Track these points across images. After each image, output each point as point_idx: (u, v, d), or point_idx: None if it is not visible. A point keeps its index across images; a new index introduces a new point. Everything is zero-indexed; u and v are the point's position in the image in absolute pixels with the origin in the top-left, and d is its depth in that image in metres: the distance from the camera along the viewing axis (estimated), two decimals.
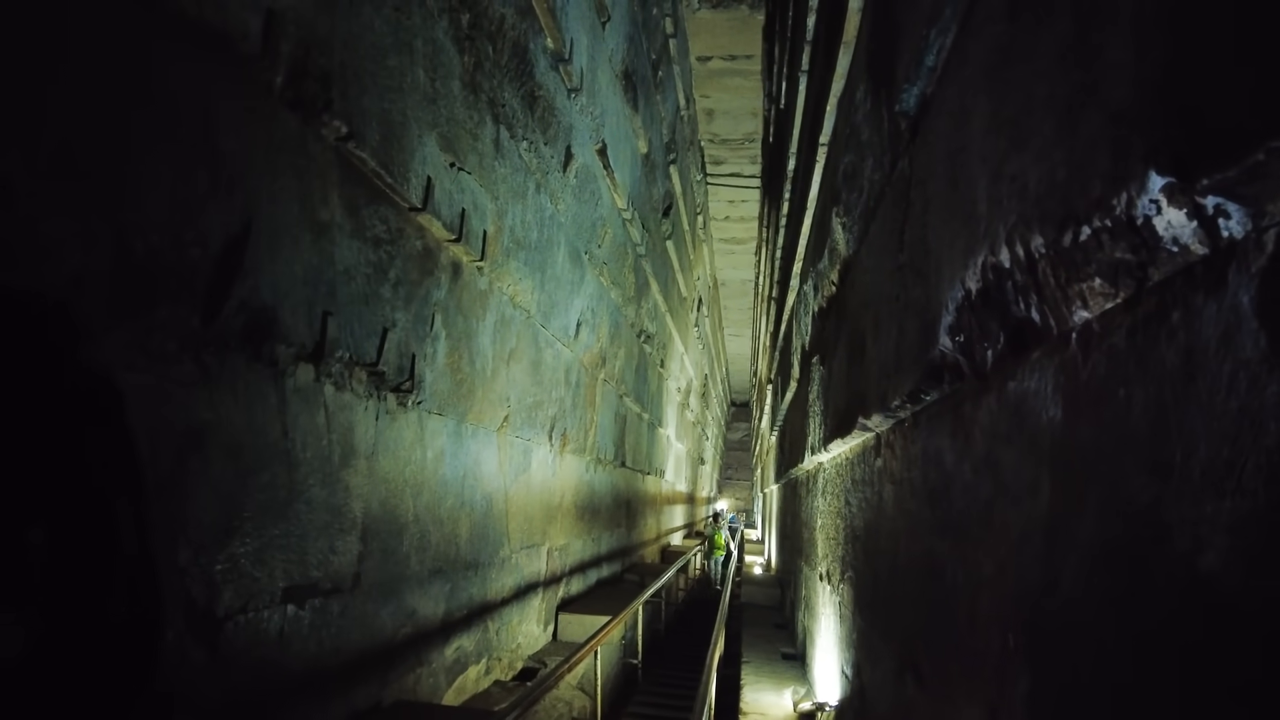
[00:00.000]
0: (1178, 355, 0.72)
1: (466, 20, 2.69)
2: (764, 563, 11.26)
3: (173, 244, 1.51)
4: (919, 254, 1.59)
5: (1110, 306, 0.86)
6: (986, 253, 1.16)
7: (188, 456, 1.58)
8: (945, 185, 1.41)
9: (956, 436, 1.47)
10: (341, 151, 2.02)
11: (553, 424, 4.40)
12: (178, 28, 1.46)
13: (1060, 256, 0.90)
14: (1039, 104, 0.94)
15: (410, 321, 2.47)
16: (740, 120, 9.23)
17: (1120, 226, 0.75)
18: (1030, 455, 1.09)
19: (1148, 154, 0.68)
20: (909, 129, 1.72)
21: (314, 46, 1.84)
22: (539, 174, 3.63)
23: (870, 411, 2.17)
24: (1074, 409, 0.94)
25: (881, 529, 2.22)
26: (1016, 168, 1.03)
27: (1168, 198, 0.67)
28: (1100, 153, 0.78)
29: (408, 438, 2.56)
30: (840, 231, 2.79)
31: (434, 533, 2.83)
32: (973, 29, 1.26)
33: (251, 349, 1.76)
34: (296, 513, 1.98)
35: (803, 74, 3.59)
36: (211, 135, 1.57)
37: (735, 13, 7.15)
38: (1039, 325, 1.04)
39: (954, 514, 1.47)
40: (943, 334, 1.40)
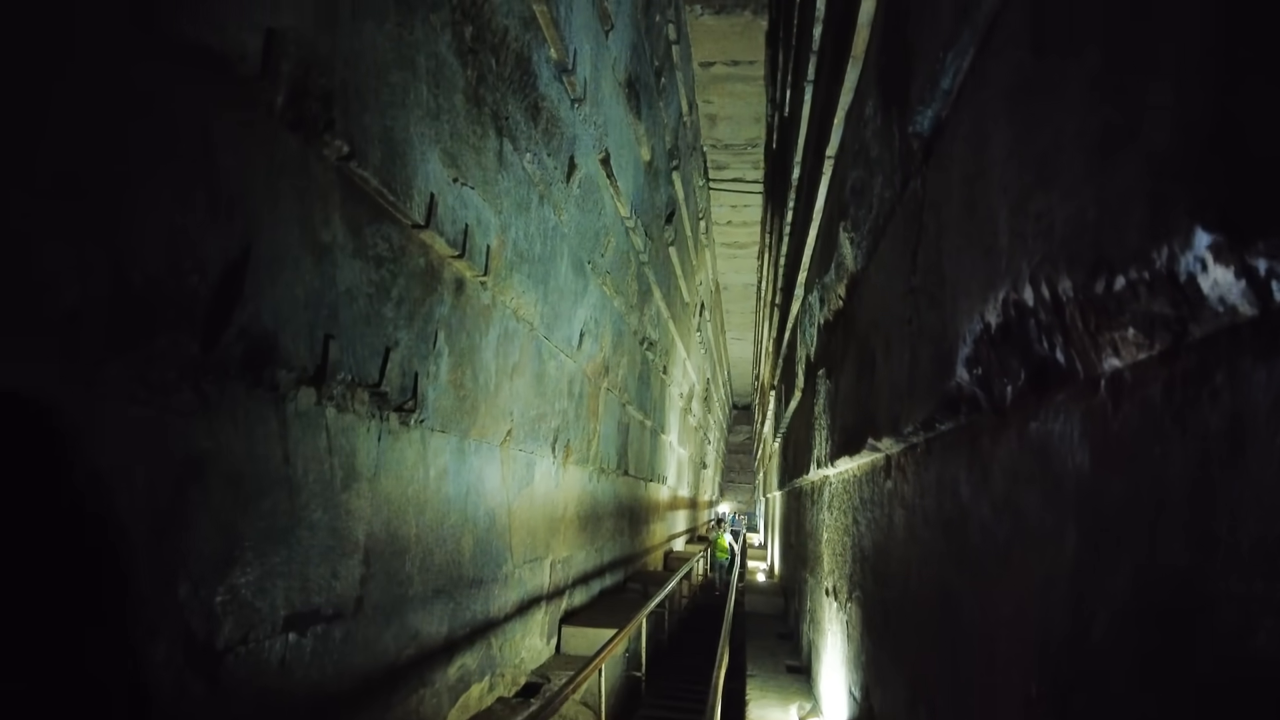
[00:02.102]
0: (1222, 419, 0.68)
1: (469, 33, 2.66)
2: (767, 569, 11.22)
3: (171, 271, 1.47)
4: (933, 280, 1.56)
5: (1144, 357, 0.82)
6: (1008, 288, 1.12)
7: (187, 488, 1.54)
8: (961, 211, 1.37)
9: (973, 469, 1.43)
10: (343, 171, 1.98)
11: (556, 436, 4.37)
12: (175, 50, 1.43)
13: (1090, 302, 0.86)
14: (1067, 140, 0.91)
15: (413, 340, 2.43)
16: (743, 125, 9.20)
17: (1159, 281, 0.72)
18: (1054, 500, 1.05)
19: (1193, 209, 0.65)
20: (922, 149, 1.68)
21: (315, 65, 1.81)
22: (542, 186, 3.60)
23: (881, 434, 2.13)
24: (1103, 460, 0.90)
25: (892, 553, 2.18)
26: (1042, 204, 0.99)
27: (1214, 256, 0.64)
28: (1137, 200, 0.74)
29: (410, 457, 2.53)
30: (848, 246, 2.76)
31: (437, 552, 2.80)
32: (992, 53, 1.22)
33: (252, 375, 1.72)
34: (298, 539, 1.95)
35: (808, 84, 3.55)
36: (211, 158, 1.54)
37: (738, 19, 7.12)
38: (1064, 367, 1.01)
39: (970, 549, 1.43)
40: (960, 366, 1.37)
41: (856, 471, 2.88)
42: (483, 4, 2.71)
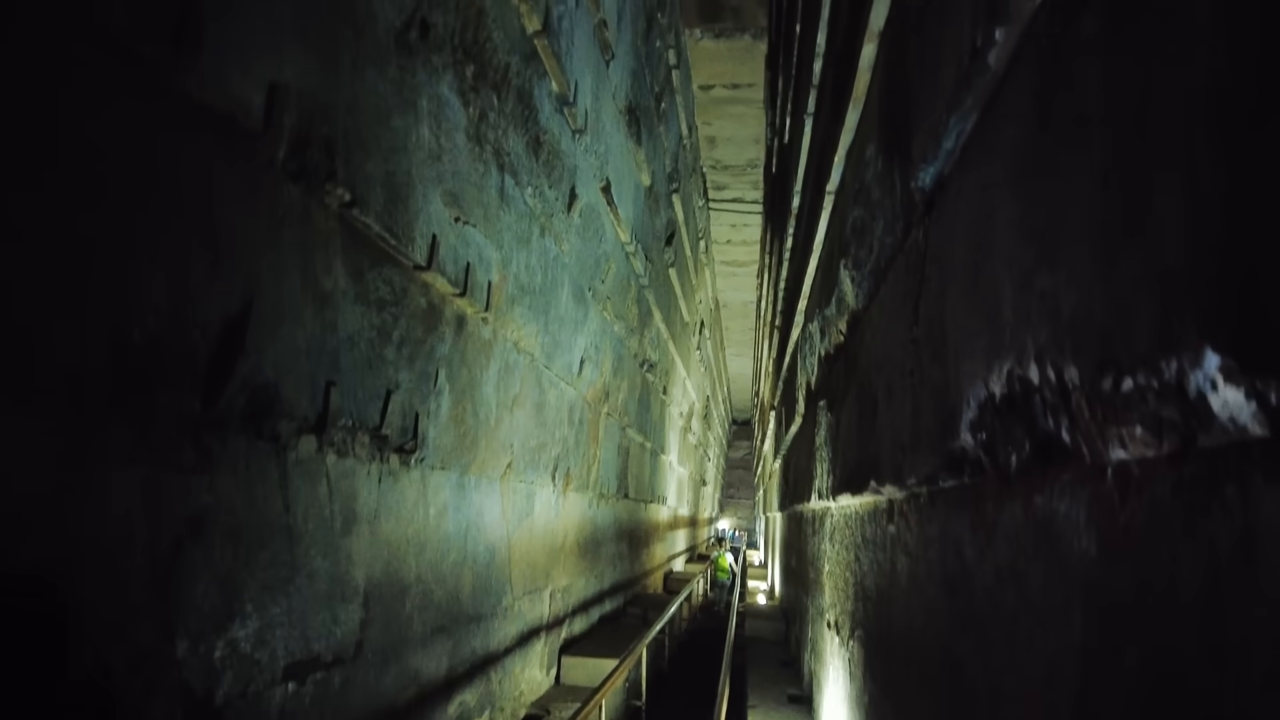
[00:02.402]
0: (1232, 534, 0.68)
1: (471, 72, 2.67)
2: (767, 589, 11.17)
3: (173, 329, 1.47)
4: (936, 336, 1.55)
5: (1152, 455, 0.82)
6: (1013, 362, 1.11)
7: (187, 547, 1.53)
8: (964, 275, 1.37)
9: (977, 532, 1.42)
10: (345, 218, 1.98)
11: (556, 464, 4.35)
12: (180, 111, 1.43)
13: (1097, 395, 0.86)
14: (1073, 228, 0.90)
15: (414, 381, 2.43)
16: (743, 147, 9.23)
17: (1168, 390, 0.71)
18: (1060, 580, 1.04)
19: (1203, 328, 0.64)
20: (924, 202, 1.68)
21: (317, 115, 1.82)
22: (543, 218, 3.60)
23: (884, 480, 2.12)
24: (1111, 551, 0.89)
25: (894, 600, 2.17)
26: (1047, 285, 0.99)
27: (1224, 377, 0.63)
28: (1145, 305, 0.74)
29: (410, 497, 2.52)
30: (849, 284, 2.76)
31: (437, 590, 2.78)
32: (995, 123, 1.22)
33: (253, 427, 1.72)
34: (298, 587, 1.93)
35: (808, 116, 3.57)
36: (213, 214, 1.54)
37: (737, 42, 7.16)
38: (1069, 447, 1.00)
39: (974, 613, 1.42)
40: (964, 428, 1.36)
41: (859, 509, 2.87)
42: (484, 42, 2.72)
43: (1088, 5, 0.89)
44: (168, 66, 1.38)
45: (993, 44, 1.13)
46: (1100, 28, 0.85)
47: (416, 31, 2.26)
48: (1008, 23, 1.08)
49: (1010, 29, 1.10)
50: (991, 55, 1.15)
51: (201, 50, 1.44)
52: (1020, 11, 1.06)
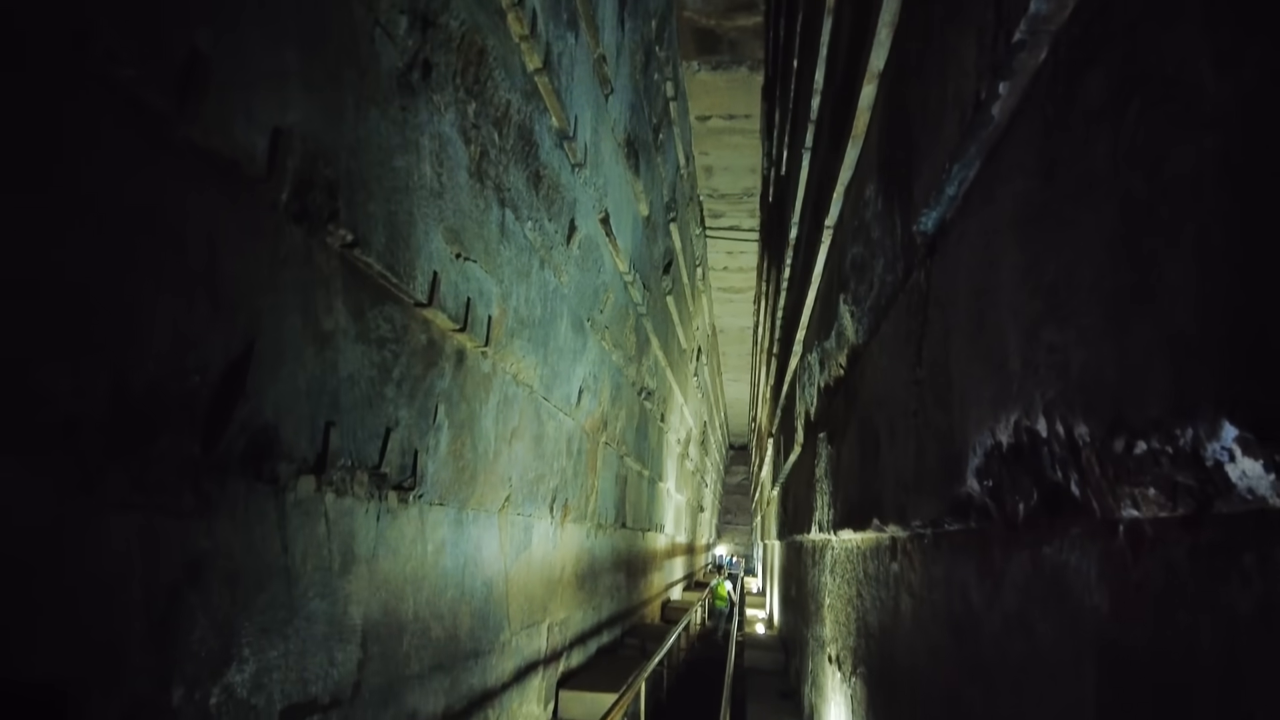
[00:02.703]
0: (1252, 604, 0.67)
1: (473, 110, 2.69)
2: (766, 618, 11.07)
3: (173, 374, 1.46)
4: (940, 380, 1.55)
5: (1166, 516, 0.81)
6: (1020, 414, 1.11)
7: (184, 593, 1.51)
8: (968, 321, 1.37)
9: (984, 578, 1.41)
10: (347, 258, 1.99)
11: (554, 496, 4.33)
12: (185, 159, 1.44)
13: (1108, 454, 0.85)
14: (1083, 286, 0.90)
15: (413, 417, 2.42)
16: (739, 176, 9.30)
17: (1183, 456, 0.71)
18: (1071, 633, 1.03)
19: (1220, 400, 0.64)
20: (925, 245, 1.69)
21: (320, 157, 1.82)
22: (543, 250, 3.62)
23: (887, 519, 2.11)
24: (1124, 610, 0.88)
25: (898, 639, 2.15)
26: (1056, 339, 0.99)
27: (1243, 449, 0.63)
28: (1158, 372, 0.74)
29: (409, 534, 2.50)
30: (849, 319, 2.76)
31: (434, 627, 2.75)
32: (999, 172, 1.23)
33: (252, 470, 1.70)
34: (295, 629, 1.91)
35: (806, 150, 3.59)
36: (215, 259, 1.54)
37: (735, 74, 7.24)
38: (1078, 500, 0.99)
39: (982, 659, 1.41)
40: (970, 475, 1.35)
41: (861, 544, 2.85)
42: (485, 81, 2.74)
43: (1092, 67, 0.90)
44: (173, 114, 1.39)
45: (996, 97, 1.14)
46: (1106, 92, 0.86)
47: (419, 72, 2.28)
48: (1011, 77, 1.10)
49: (1014, 83, 1.11)
50: (995, 107, 1.16)
51: (207, 98, 1.45)
52: (1024, 66, 1.07)
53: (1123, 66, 0.83)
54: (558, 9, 3.46)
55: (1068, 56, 0.97)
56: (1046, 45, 1.02)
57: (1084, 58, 0.92)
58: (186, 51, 1.39)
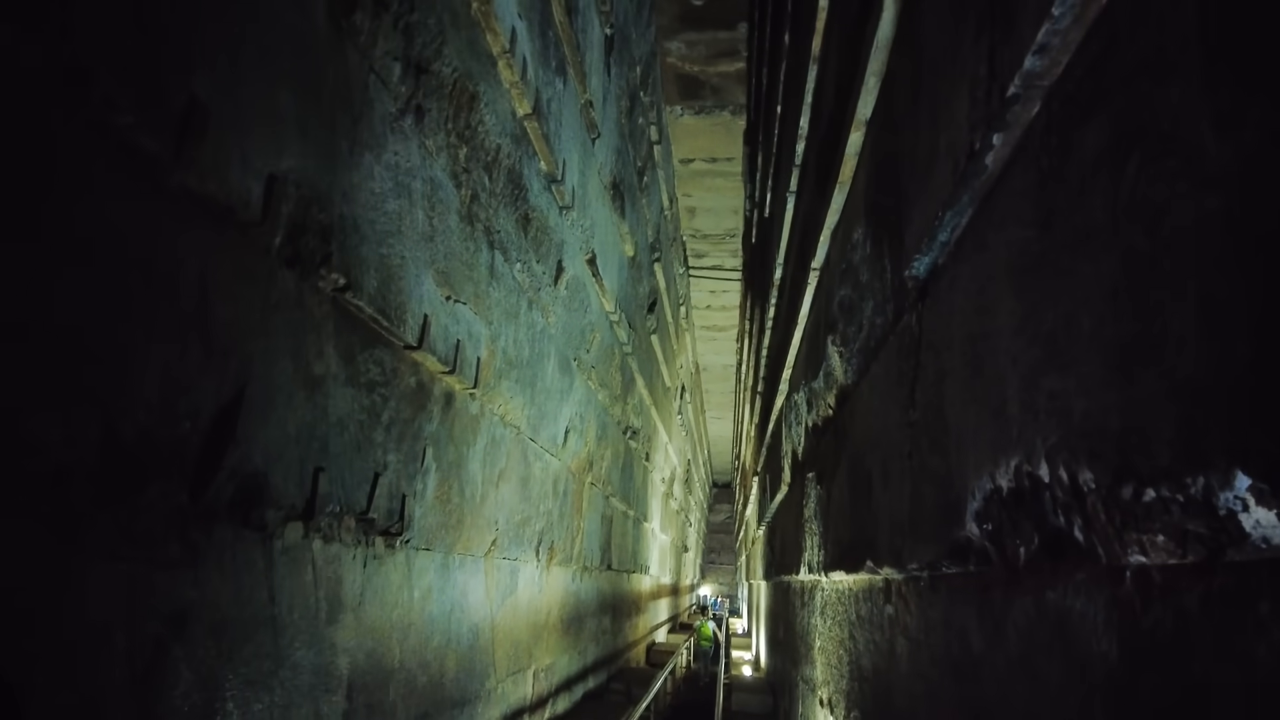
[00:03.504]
0: (1271, 654, 0.67)
1: (464, 154, 2.71)
2: (752, 660, 10.93)
3: (163, 421, 1.44)
4: (936, 424, 1.56)
5: (1174, 563, 0.81)
6: (1021, 459, 1.12)
7: (168, 645, 1.47)
8: (963, 366, 1.39)
9: (985, 621, 1.40)
10: (338, 301, 1.98)
11: (540, 539, 4.28)
12: (180, 203, 1.43)
13: (1115, 501, 0.86)
14: (1083, 335, 0.92)
15: (401, 461, 2.39)
16: (721, 217, 9.42)
17: (1194, 505, 0.71)
18: (1080, 679, 1.02)
19: (1232, 451, 0.65)
20: (916, 289, 1.71)
21: (314, 202, 1.82)
22: (531, 292, 3.62)
23: (881, 561, 2.10)
24: (1135, 657, 0.88)
25: (895, 683, 2.12)
26: (1056, 386, 1.00)
27: (1256, 499, 0.63)
28: (1165, 421, 0.74)
29: (395, 580, 2.45)
30: (837, 359, 2.78)
31: (420, 676, 2.69)
32: (994, 221, 1.25)
33: (240, 517, 1.67)
34: (281, 681, 1.86)
35: (791, 194, 3.65)
36: (208, 304, 1.53)
37: (717, 118, 7.37)
38: (1083, 546, 0.99)
39: (985, 702, 1.39)
40: (969, 519, 1.35)
41: (853, 586, 2.83)
42: (476, 126, 2.77)
43: (1088, 121, 0.93)
44: (170, 160, 1.39)
45: (990, 147, 1.16)
46: (1103, 146, 0.88)
47: (412, 117, 2.30)
48: (1005, 129, 1.12)
49: (1008, 135, 1.13)
50: (989, 157, 1.19)
51: (204, 144, 1.45)
52: (1018, 119, 1.10)
53: (1119, 122, 0.85)
54: (547, 56, 3.52)
55: (1062, 111, 1.00)
56: (1040, 99, 1.05)
57: (1079, 112, 0.95)
58: (185, 99, 1.40)
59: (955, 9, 1.34)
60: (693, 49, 6.50)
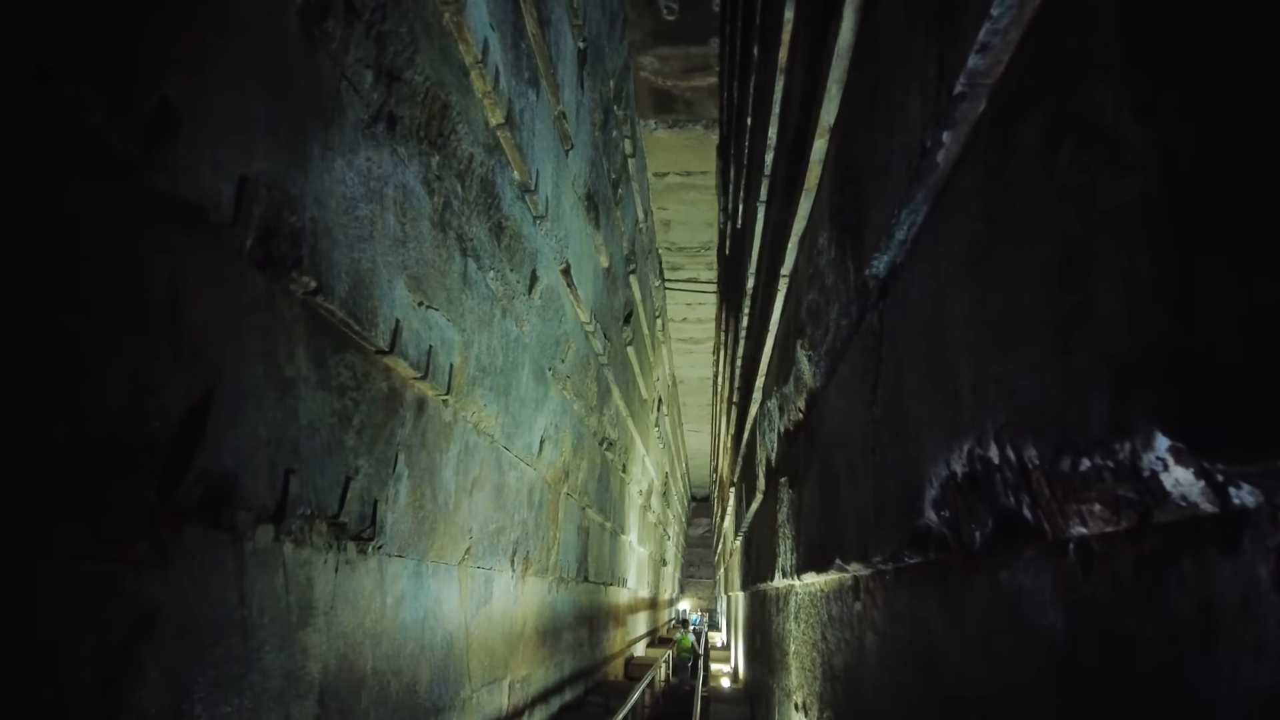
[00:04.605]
0: (1192, 606, 0.71)
1: (436, 162, 2.73)
2: (730, 672, 10.92)
3: (133, 420, 1.44)
4: (896, 418, 1.60)
5: (1110, 530, 0.85)
6: (973, 443, 1.16)
7: (135, 646, 1.47)
8: (920, 360, 1.43)
9: (945, 608, 1.44)
10: (309, 305, 1.99)
11: (515, 548, 4.28)
12: (150, 204, 1.45)
13: (1056, 475, 0.90)
14: (1026, 319, 0.96)
15: (373, 466, 2.39)
16: (696, 230, 9.50)
17: (1123, 470, 0.75)
18: (1032, 654, 1.06)
19: (1151, 414, 0.69)
20: (878, 288, 1.76)
21: (285, 206, 1.84)
22: (505, 300, 3.64)
23: (849, 558, 2.14)
24: (1078, 624, 0.92)
25: (864, 678, 2.16)
26: (1003, 369, 1.04)
27: (1175, 458, 0.68)
28: (1098, 393, 0.79)
29: (367, 586, 2.45)
30: (806, 364, 2.83)
31: (393, 683, 2.68)
32: (946, 216, 1.30)
33: (210, 518, 1.67)
34: (251, 683, 1.85)
35: (761, 204, 3.71)
36: (178, 304, 1.53)
37: (690, 133, 7.46)
38: (1032, 524, 1.03)
39: (947, 689, 1.43)
40: (928, 507, 1.39)
41: (824, 587, 2.86)
42: (449, 134, 2.80)
43: (1026, 116, 0.98)
44: (140, 161, 1.40)
45: (941, 145, 1.21)
46: (1040, 138, 0.93)
47: (384, 124, 2.32)
48: (954, 126, 1.17)
49: (957, 132, 1.18)
50: (940, 155, 1.23)
51: (175, 145, 1.47)
52: (966, 117, 1.15)
53: (1054, 115, 0.90)
54: (519, 67, 3.56)
55: (1005, 107, 1.05)
56: (985, 97, 1.10)
57: (1020, 108, 1.00)
58: (156, 101, 1.41)
59: (908, 14, 1.40)
60: (666, 63, 6.59)
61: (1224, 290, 0.61)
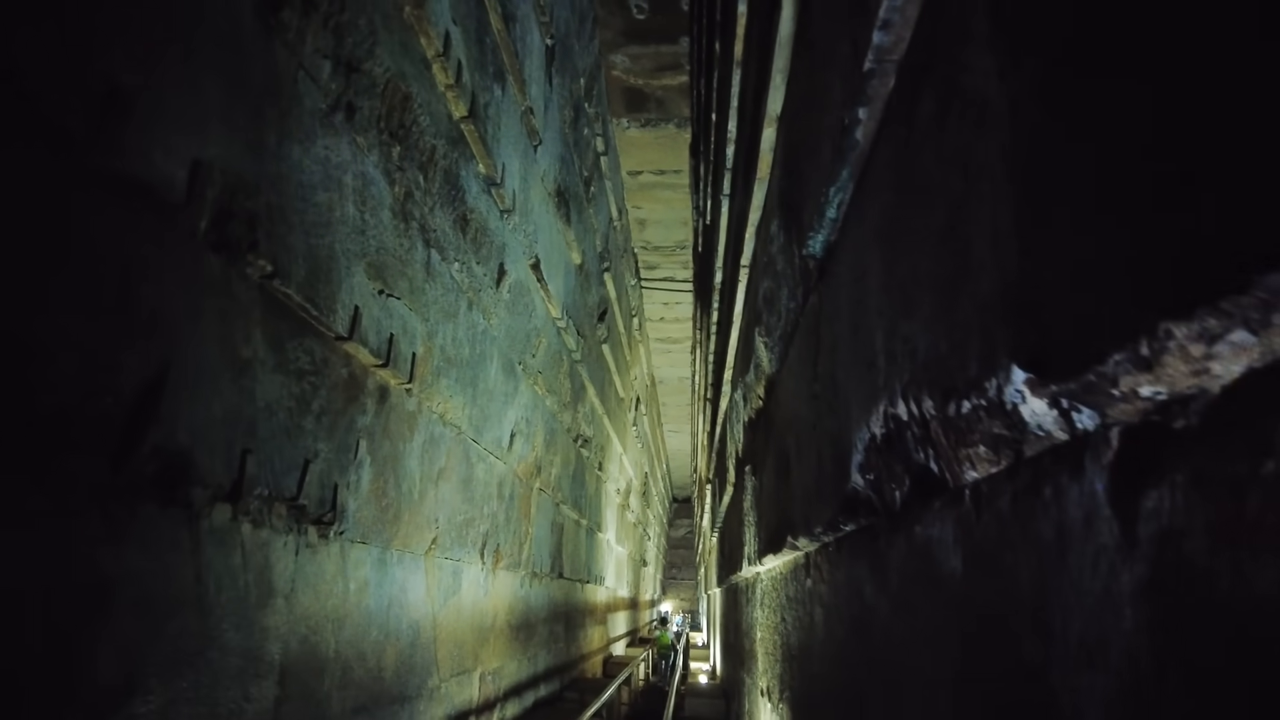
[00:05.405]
0: (1052, 530, 0.77)
1: (397, 153, 2.77)
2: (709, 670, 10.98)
3: (84, 395, 1.47)
4: (830, 389, 1.66)
5: (994, 471, 0.91)
6: (886, 403, 1.22)
7: (88, 619, 1.49)
8: (848, 331, 1.49)
9: (875, 571, 1.50)
10: (266, 289, 2.02)
11: (485, 541, 4.30)
12: (101, 185, 1.48)
13: (948, 422, 0.96)
14: (924, 277, 1.02)
15: (333, 451, 2.42)
16: (671, 229, 9.56)
17: (995, 407, 0.81)
18: (939, 603, 1.12)
19: (1011, 350, 0.75)
20: (817, 269, 1.82)
21: (240, 190, 1.87)
22: (471, 292, 3.68)
23: (797, 534, 2.20)
24: (972, 565, 0.98)
25: (814, 652, 2.22)
26: (908, 330, 1.10)
27: (1030, 390, 0.74)
28: (973, 336, 0.85)
29: (329, 570, 2.47)
30: (763, 350, 2.89)
31: (357, 668, 2.71)
32: (867, 190, 1.36)
33: (165, 494, 1.70)
34: (208, 661, 1.88)
35: (725, 197, 3.77)
36: (130, 283, 1.57)
37: (663, 131, 7.52)
38: (938, 476, 1.10)
39: (875, 649, 1.49)
40: (854, 471, 1.45)
41: (783, 569, 2.92)
42: (410, 125, 2.84)
43: (924, 88, 1.04)
44: (91, 141, 1.43)
45: (858, 122, 1.27)
46: (934, 107, 0.99)
47: (342, 114, 2.36)
48: (868, 103, 1.23)
49: (872, 109, 1.24)
50: (858, 132, 1.29)
51: (126, 129, 1.50)
52: (878, 93, 1.21)
53: (943, 85, 0.96)
54: (483, 62, 3.60)
55: (909, 81, 1.11)
56: (893, 73, 1.16)
57: (919, 81, 1.06)
58: (106, 83, 1.45)
59: (834, 1, 1.46)
60: (637, 62, 6.65)
61: (1060, 231, 0.67)
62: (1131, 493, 0.64)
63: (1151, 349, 0.52)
